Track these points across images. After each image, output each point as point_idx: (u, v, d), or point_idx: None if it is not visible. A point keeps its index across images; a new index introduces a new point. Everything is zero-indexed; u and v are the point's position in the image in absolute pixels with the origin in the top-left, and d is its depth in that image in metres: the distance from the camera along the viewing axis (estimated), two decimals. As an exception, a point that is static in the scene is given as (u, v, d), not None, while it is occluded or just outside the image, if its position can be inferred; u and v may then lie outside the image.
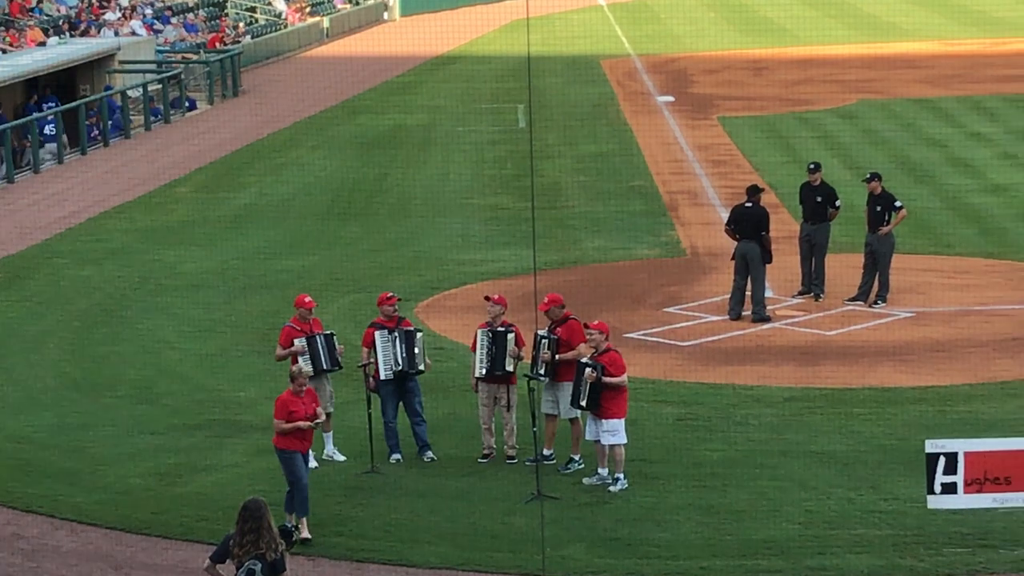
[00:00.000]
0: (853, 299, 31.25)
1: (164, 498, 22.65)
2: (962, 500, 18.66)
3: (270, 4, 78.12)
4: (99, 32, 64.11)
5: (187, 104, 59.24)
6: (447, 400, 25.80)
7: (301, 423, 20.95)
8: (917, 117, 52.45)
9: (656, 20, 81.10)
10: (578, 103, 57.54)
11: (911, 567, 19.85)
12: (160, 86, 57.82)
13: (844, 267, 31.81)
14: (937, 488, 18.60)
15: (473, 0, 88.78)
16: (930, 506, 18.72)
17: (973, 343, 28.85)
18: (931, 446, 18.66)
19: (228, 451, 24.38)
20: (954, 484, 18.57)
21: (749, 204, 30.68)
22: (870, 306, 30.97)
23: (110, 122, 53.64)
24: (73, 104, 51.80)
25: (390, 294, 24.32)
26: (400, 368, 23.64)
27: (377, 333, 23.72)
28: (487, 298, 24.13)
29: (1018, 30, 72.49)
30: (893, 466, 22.82)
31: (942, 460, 18.57)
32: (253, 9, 76.57)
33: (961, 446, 18.69)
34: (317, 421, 21.23)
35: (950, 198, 40.53)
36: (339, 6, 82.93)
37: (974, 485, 18.57)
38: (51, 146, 49.85)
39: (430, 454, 23.84)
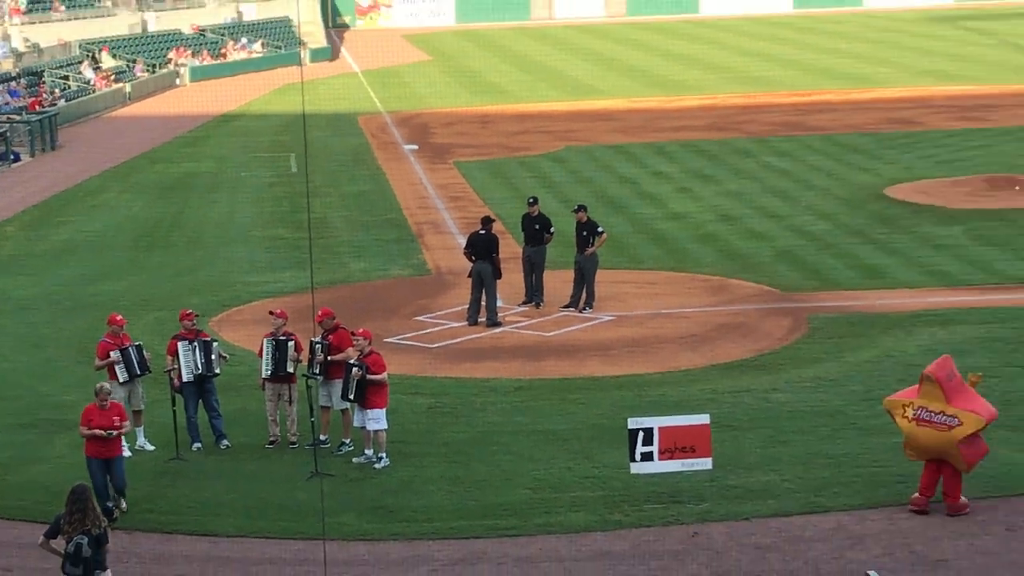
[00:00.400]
0: (566, 306, 31.59)
1: (3, 485, 21.99)
2: (657, 466, 18.99)
3: (80, 72, 76.44)
4: (-65, 97, 62.12)
5: (12, 157, 57.57)
6: (239, 397, 25.46)
7: (97, 431, 20.46)
8: (613, 160, 53.12)
9: (402, 84, 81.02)
10: (340, 152, 57.20)
11: (619, 520, 20.10)
12: (-11, 142, 56.24)
13: (558, 281, 32.14)
14: (638, 457, 18.89)
15: (249, 68, 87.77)
16: (632, 471, 19.02)
17: (662, 340, 29.33)
18: (632, 423, 18.97)
19: (56, 445, 23.74)
20: (651, 453, 18.89)
21: (482, 231, 30.84)
22: (580, 312, 31.33)
23: (-54, 172, 51.98)
24: (-86, 158, 50.06)
25: (189, 311, 24.02)
26: (199, 372, 23.34)
27: (179, 343, 23.38)
28: (271, 312, 23.93)
29: (688, 90, 73.95)
30: (602, 440, 23.07)
31: (641, 434, 18.88)
32: (67, 77, 74.81)
33: (655, 423, 19.02)
34: (112, 431, 20.51)
35: (641, 224, 41.14)
36: (139, 74, 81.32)
37: (666, 453, 18.91)
38: None
39: (225, 442, 23.53)
